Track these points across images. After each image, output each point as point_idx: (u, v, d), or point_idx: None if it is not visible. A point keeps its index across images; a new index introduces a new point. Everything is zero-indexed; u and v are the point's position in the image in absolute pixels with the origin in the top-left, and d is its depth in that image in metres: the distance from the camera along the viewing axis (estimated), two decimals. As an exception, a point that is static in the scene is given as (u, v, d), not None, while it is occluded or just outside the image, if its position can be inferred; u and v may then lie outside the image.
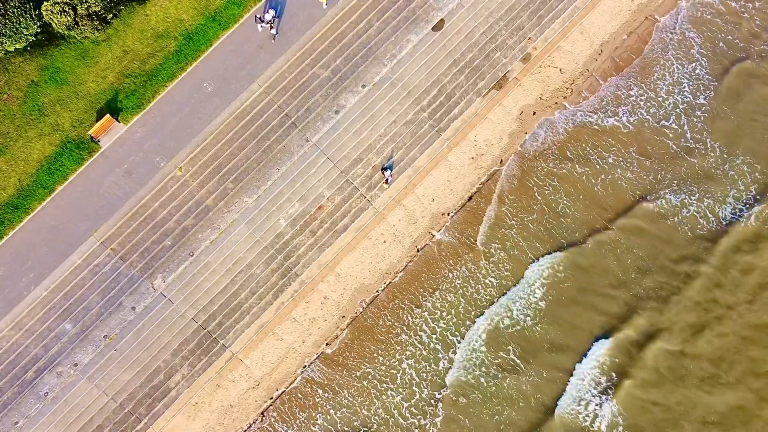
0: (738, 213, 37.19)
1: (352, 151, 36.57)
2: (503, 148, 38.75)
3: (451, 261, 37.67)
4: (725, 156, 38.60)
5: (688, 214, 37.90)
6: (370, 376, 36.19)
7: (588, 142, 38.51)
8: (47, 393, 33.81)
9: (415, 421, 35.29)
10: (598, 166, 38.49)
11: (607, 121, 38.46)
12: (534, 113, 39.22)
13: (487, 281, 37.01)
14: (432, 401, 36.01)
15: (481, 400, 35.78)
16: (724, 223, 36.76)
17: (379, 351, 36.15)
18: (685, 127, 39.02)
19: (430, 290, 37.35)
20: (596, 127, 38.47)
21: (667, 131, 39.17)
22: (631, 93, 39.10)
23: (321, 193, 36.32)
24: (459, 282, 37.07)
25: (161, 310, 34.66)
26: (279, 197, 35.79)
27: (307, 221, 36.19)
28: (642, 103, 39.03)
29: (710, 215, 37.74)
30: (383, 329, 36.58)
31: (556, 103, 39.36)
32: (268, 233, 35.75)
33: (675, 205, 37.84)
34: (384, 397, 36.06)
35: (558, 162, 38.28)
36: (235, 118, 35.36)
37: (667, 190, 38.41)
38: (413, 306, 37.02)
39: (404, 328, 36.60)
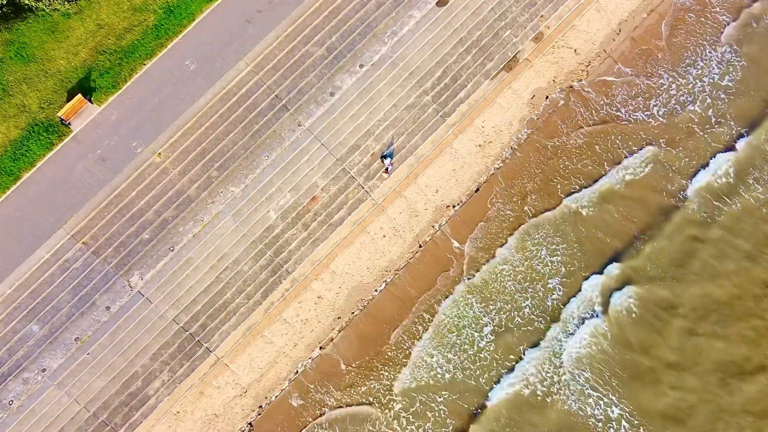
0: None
1: (349, 137, 35.26)
2: (513, 135, 37.29)
3: (457, 258, 36.32)
4: (752, 143, 37.18)
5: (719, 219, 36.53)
6: (374, 390, 35.09)
7: (617, 135, 37.30)
8: (12, 401, 32.34)
9: (413, 427, 34.30)
10: (626, 161, 37.21)
11: (635, 115, 37.46)
12: (546, 97, 37.74)
13: (506, 282, 35.94)
14: (438, 409, 34.76)
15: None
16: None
17: (385, 368, 35.18)
18: (710, 111, 37.65)
19: (437, 291, 36.00)
20: (624, 122, 37.46)
21: (694, 117, 37.73)
22: (663, 82, 37.87)
23: (315, 182, 35.01)
24: (476, 284, 35.88)
25: (138, 310, 33.32)
26: (268, 187, 34.48)
27: (300, 213, 34.91)
28: (673, 91, 37.83)
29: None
30: (386, 342, 35.40)
31: (571, 86, 37.85)
32: (256, 226, 34.43)
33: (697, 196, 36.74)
34: (387, 411, 34.68)
35: (583, 157, 37.14)
36: (220, 99, 34.07)
37: (691, 180, 37.07)
38: (420, 310, 35.86)
39: (412, 339, 35.56)
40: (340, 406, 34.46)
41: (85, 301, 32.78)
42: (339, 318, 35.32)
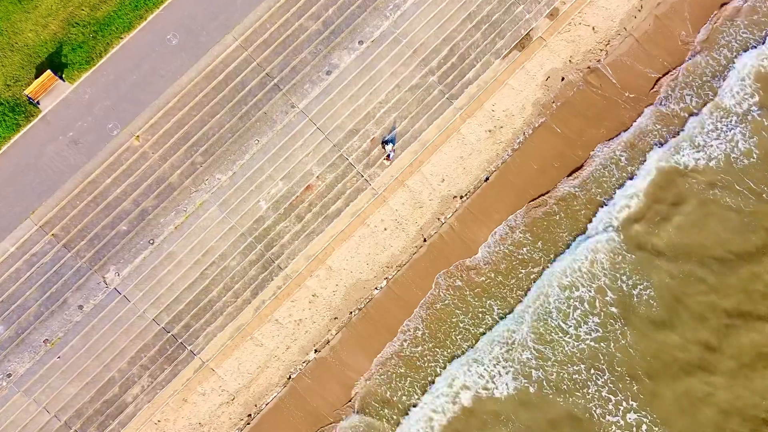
0: None
1: (347, 121, 34.21)
2: (526, 120, 35.87)
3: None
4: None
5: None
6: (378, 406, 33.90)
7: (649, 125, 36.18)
8: (-26, 410, 31.15)
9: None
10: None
11: (674, 107, 36.26)
12: (562, 79, 36.15)
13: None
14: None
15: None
16: None
17: (390, 380, 33.95)
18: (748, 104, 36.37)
19: (445, 292, 34.68)
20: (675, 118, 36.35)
21: (730, 103, 36.33)
22: (691, 66, 36.30)
23: (309, 170, 33.96)
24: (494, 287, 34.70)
25: (115, 310, 32.29)
26: (258, 174, 33.44)
27: (293, 204, 33.91)
28: (708, 77, 36.28)
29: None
30: (388, 348, 34.13)
31: (589, 67, 36.19)
32: (245, 218, 33.43)
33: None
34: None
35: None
36: (205, 77, 33.00)
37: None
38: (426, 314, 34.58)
39: (417, 347, 34.20)
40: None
41: (55, 300, 31.71)
42: (336, 318, 34.20)
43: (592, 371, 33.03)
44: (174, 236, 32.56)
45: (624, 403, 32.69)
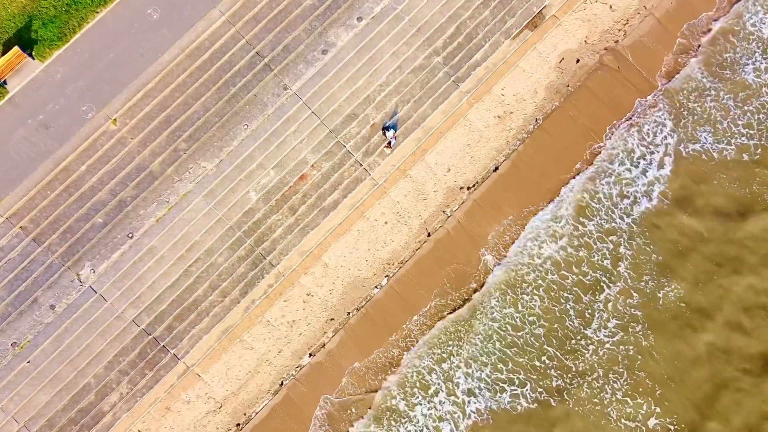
0: None
1: (345, 105, 33.45)
2: (538, 105, 34.54)
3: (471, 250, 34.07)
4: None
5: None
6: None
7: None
8: (-66, 420, 30.24)
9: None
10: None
11: (696, 90, 34.99)
12: (577, 61, 34.72)
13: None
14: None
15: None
16: None
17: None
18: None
19: (453, 292, 33.61)
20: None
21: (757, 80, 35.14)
22: (723, 51, 34.96)
23: (303, 158, 33.18)
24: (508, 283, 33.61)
25: (90, 310, 31.55)
26: (248, 162, 32.74)
27: (286, 195, 33.22)
28: (733, 56, 34.95)
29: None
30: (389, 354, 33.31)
31: (605, 49, 34.80)
32: (233, 210, 32.76)
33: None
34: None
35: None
36: (189, 56, 32.24)
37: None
38: (425, 318, 33.68)
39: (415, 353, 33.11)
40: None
41: (24, 299, 31.04)
42: (332, 319, 33.35)
43: (611, 375, 31.80)
44: (155, 230, 31.80)
45: (645, 407, 31.65)
